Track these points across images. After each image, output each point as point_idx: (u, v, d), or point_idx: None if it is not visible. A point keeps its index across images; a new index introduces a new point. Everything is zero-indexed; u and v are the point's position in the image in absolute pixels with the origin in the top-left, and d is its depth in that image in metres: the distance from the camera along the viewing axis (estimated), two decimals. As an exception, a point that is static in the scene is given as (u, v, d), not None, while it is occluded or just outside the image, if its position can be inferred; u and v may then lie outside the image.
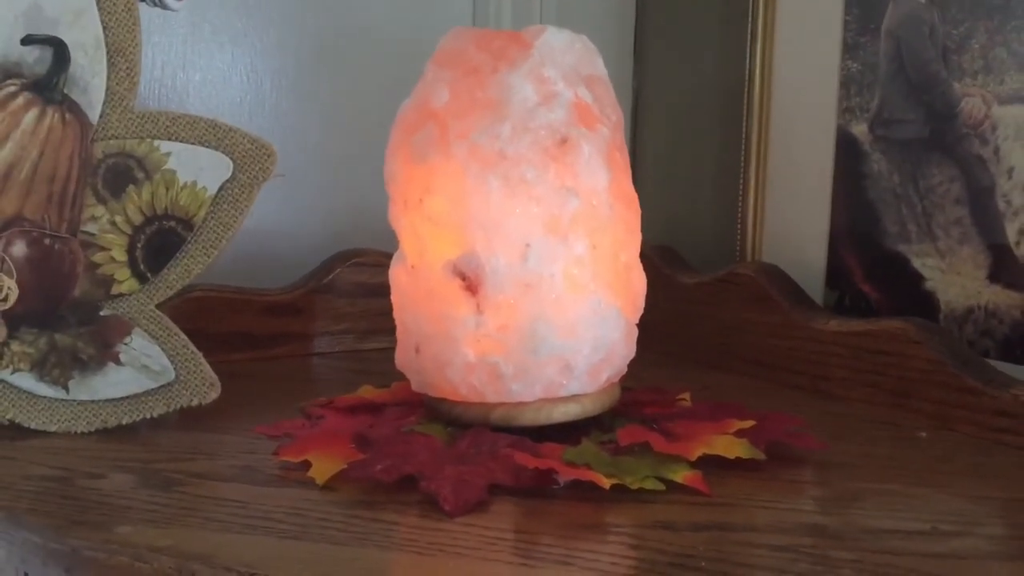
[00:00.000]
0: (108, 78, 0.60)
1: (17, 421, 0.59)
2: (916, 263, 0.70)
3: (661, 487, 0.51)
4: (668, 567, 0.43)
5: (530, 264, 0.54)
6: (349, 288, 0.83)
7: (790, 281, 0.77)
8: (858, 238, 0.74)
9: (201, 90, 0.82)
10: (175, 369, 0.61)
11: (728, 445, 0.54)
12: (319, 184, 0.87)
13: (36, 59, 0.59)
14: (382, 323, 0.71)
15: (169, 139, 0.61)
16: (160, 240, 0.62)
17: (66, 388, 0.60)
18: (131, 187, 0.61)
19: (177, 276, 0.62)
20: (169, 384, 0.61)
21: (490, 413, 0.56)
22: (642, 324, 0.60)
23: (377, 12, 0.89)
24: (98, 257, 0.61)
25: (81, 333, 0.60)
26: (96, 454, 0.56)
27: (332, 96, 0.87)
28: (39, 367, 0.60)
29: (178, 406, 0.61)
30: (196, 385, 0.61)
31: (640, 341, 0.60)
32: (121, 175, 0.61)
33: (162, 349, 0.61)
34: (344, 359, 0.82)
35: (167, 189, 0.61)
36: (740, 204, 0.82)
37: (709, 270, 0.83)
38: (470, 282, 0.55)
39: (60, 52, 0.59)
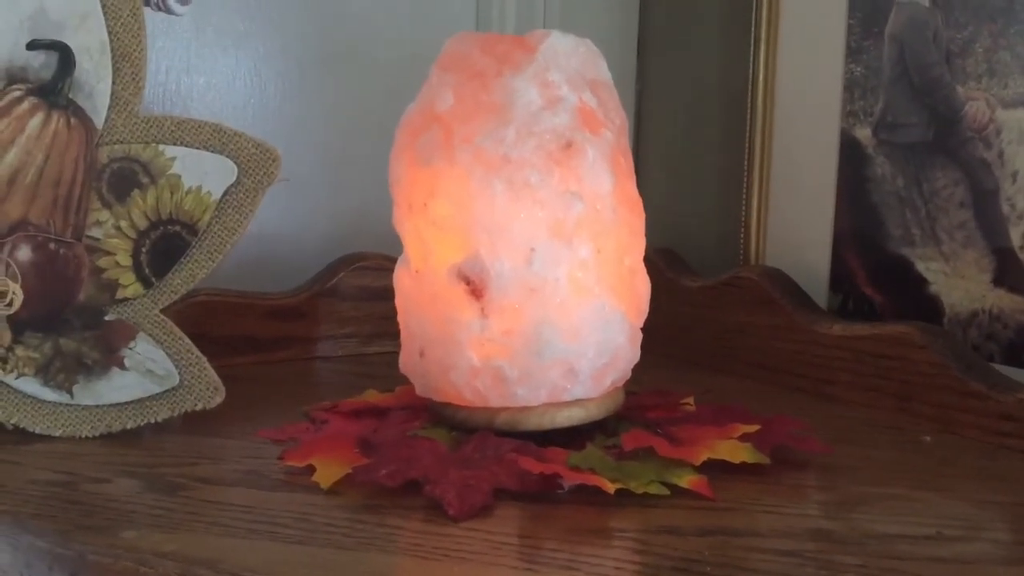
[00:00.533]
0: (113, 83, 0.60)
1: (22, 426, 0.59)
2: (920, 267, 0.70)
3: (666, 492, 0.51)
4: (673, 572, 0.43)
5: (534, 268, 0.54)
6: (353, 292, 0.83)
7: (793, 285, 0.77)
8: (862, 242, 0.74)
9: (205, 94, 0.82)
10: (179, 373, 0.61)
11: (733, 449, 0.54)
12: (323, 188, 0.87)
13: (41, 64, 0.59)
14: (386, 327, 0.71)
15: (174, 143, 0.61)
16: (165, 244, 0.62)
17: (71, 393, 0.60)
18: (136, 191, 0.61)
19: (182, 280, 0.62)
20: (173, 388, 0.61)
21: (494, 417, 0.56)
22: (645, 328, 0.60)
23: (381, 16, 0.89)
24: (103, 262, 0.61)
25: (86, 338, 0.60)
26: (101, 459, 0.56)
27: (336, 100, 0.88)
28: (44, 372, 0.60)
29: (182, 410, 0.61)
30: (200, 389, 0.62)
31: (643, 345, 0.60)
32: (126, 179, 0.61)
33: (166, 353, 0.61)
34: (348, 363, 0.82)
35: (172, 194, 0.61)
36: (743, 207, 0.82)
37: (712, 274, 0.83)
38: (474, 286, 0.55)
39: (65, 57, 0.59)
